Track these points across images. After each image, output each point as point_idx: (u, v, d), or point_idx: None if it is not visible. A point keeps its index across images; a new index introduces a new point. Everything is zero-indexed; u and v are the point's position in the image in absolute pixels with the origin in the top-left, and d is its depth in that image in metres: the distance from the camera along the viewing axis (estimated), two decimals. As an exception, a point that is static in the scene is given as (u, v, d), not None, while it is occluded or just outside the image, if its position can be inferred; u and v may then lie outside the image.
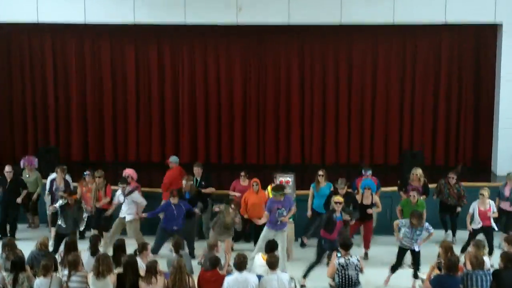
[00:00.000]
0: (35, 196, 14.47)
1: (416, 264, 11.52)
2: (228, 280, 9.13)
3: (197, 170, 13.79)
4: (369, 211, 12.68)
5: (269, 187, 13.13)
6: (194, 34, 17.05)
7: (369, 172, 13.69)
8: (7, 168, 14.13)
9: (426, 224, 11.42)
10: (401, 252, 11.60)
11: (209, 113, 17.54)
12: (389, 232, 12.84)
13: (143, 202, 13.10)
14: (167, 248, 11.68)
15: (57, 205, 12.78)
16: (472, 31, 16.59)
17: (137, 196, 13.01)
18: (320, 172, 13.37)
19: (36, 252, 10.27)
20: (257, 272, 9.68)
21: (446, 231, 14.15)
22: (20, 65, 17.48)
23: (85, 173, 13.85)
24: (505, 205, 13.51)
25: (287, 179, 12.86)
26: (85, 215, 12.94)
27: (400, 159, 16.69)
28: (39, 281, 9.15)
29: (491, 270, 9.52)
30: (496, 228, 12.85)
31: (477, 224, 12.67)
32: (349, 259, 9.40)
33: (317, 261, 11.56)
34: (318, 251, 11.61)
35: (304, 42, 17.18)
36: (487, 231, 12.74)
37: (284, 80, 17.33)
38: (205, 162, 17.08)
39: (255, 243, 12.48)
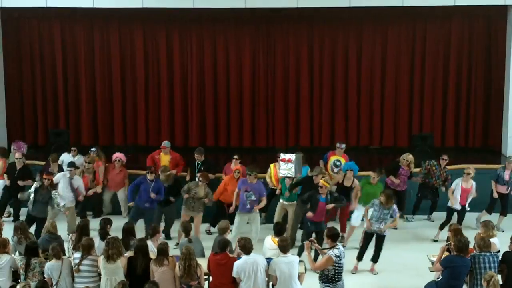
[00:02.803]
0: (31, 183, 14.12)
1: (378, 248, 11.51)
2: (237, 264, 9.19)
3: (198, 156, 13.90)
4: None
5: (272, 165, 13.46)
6: (203, 19, 17.02)
7: (343, 146, 14.01)
8: (17, 155, 14.07)
9: (394, 206, 11.35)
10: (368, 237, 11.55)
11: (218, 97, 17.55)
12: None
13: (81, 189, 13.19)
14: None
15: (32, 189, 12.55)
16: (482, 13, 16.49)
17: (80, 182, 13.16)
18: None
19: (47, 236, 10.32)
20: (267, 255, 9.73)
21: (414, 214, 14.28)
22: (29, 50, 17.52)
23: (92, 149, 14.28)
24: (502, 189, 13.54)
25: (288, 157, 12.86)
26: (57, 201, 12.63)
27: (410, 141, 16.68)
28: (50, 265, 9.23)
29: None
30: (468, 208, 13.01)
31: (457, 201, 12.87)
32: (339, 247, 9.15)
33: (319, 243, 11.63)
34: (304, 233, 11.75)
35: (313, 26, 17.14)
36: (462, 209, 12.90)
37: (293, 65, 17.31)
38: (214, 146, 17.20)
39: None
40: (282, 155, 12.92)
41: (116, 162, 14.13)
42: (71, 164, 13.22)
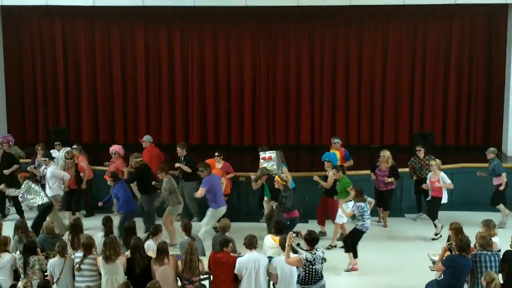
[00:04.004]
0: (16, 166, 14.32)
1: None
2: (239, 261, 9.21)
3: (179, 150, 13.90)
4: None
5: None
6: (203, 17, 17.04)
7: (336, 141, 14.04)
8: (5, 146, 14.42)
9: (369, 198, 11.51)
10: (359, 235, 11.49)
11: (219, 95, 17.58)
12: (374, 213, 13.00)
13: (66, 175, 13.25)
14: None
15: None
16: (483, 12, 16.49)
17: (54, 170, 13.16)
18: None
19: (44, 236, 10.32)
20: (268, 254, 9.73)
21: (419, 211, 14.27)
22: (30, 48, 17.58)
23: (73, 146, 14.36)
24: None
25: (268, 155, 12.85)
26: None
27: (411, 140, 16.69)
28: (53, 262, 9.26)
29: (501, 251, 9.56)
30: (445, 201, 12.99)
31: (429, 195, 12.98)
32: (315, 253, 8.99)
33: None
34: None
35: (314, 25, 17.15)
36: (433, 201, 12.95)
37: (294, 63, 17.34)
38: (215, 144, 17.21)
39: None
40: (262, 154, 12.97)
41: (112, 154, 14.08)
42: (46, 155, 13.32)
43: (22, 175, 12.80)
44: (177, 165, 13.68)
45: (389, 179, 13.46)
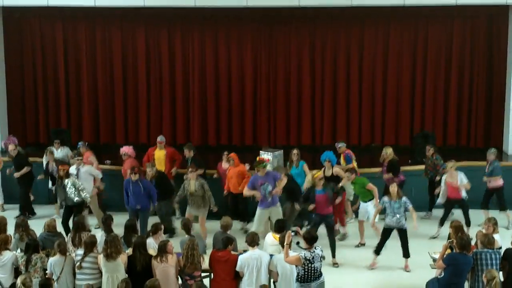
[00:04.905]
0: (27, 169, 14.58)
1: (404, 243, 11.50)
2: (241, 258, 9.24)
3: (187, 151, 13.95)
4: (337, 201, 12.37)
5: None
6: (204, 18, 17.03)
7: (341, 145, 13.97)
8: (10, 147, 14.51)
9: (404, 198, 11.42)
10: (386, 232, 11.55)
11: (220, 95, 17.57)
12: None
13: (99, 174, 13.42)
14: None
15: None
16: (484, 13, 16.48)
17: (92, 169, 13.40)
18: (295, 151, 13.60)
19: (45, 233, 10.34)
20: (269, 251, 9.75)
21: (430, 210, 14.31)
22: (31, 49, 17.56)
23: (79, 143, 14.52)
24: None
25: (267, 157, 12.84)
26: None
27: (412, 140, 16.69)
28: (53, 260, 9.27)
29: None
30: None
31: (444, 197, 12.96)
32: (314, 251, 9.03)
33: (330, 237, 11.79)
34: (311, 225, 11.86)
35: (315, 26, 17.13)
36: (460, 203, 12.94)
37: (295, 63, 17.31)
38: (216, 145, 17.23)
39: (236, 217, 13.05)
40: (261, 155, 12.98)
41: (123, 155, 14.04)
42: (77, 154, 13.60)
43: (63, 168, 12.88)
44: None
45: (387, 175, 13.47)
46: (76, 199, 12.62)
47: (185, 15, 16.89)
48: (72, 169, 13.25)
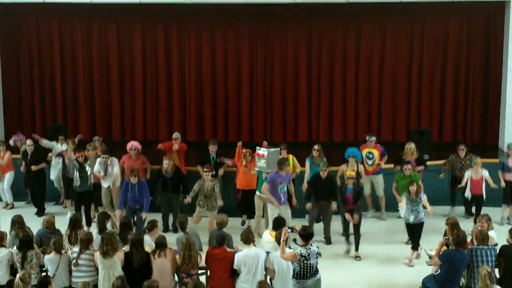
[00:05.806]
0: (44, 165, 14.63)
1: (417, 236, 11.57)
2: (238, 256, 9.23)
3: (213, 148, 13.93)
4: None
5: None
6: (201, 14, 17.01)
7: (373, 139, 13.81)
8: (28, 142, 14.44)
9: (421, 194, 11.51)
10: (408, 227, 11.73)
11: (216, 92, 17.57)
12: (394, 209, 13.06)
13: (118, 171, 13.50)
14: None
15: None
16: (481, 10, 16.49)
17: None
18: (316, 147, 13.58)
19: (43, 230, 10.33)
20: (265, 248, 9.74)
21: (453, 206, 14.19)
22: (27, 46, 17.54)
23: (94, 137, 14.69)
24: (510, 176, 13.53)
25: (262, 152, 12.84)
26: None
27: (408, 136, 16.69)
28: (48, 258, 9.27)
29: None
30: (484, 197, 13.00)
31: (468, 192, 12.99)
32: (310, 248, 8.99)
33: (356, 231, 11.93)
34: (343, 221, 12.13)
35: (311, 23, 17.14)
36: (478, 199, 12.96)
37: (291, 60, 17.33)
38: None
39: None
40: (257, 150, 13.00)
41: (131, 150, 13.87)
42: (105, 152, 13.64)
43: (80, 154, 13.09)
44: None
45: (420, 167, 13.40)
46: (89, 182, 13.01)
47: (182, 12, 16.87)
48: (96, 169, 13.34)
